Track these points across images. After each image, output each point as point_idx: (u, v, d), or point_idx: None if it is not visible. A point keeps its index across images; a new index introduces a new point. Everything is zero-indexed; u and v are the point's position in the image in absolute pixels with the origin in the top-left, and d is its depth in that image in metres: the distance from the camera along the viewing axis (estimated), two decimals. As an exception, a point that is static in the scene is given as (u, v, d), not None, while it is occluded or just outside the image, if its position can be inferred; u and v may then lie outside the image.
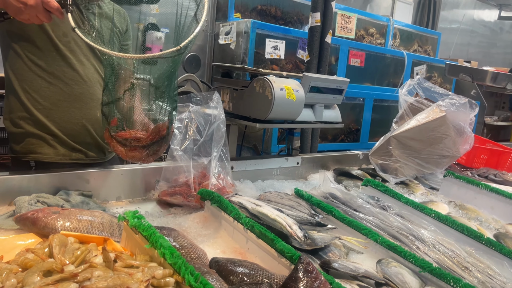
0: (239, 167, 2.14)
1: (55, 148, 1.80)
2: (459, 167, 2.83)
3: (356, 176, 2.38)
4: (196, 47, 4.16)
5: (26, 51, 1.71)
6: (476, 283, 1.32)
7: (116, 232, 1.31)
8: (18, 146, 1.78)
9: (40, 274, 0.89)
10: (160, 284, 0.98)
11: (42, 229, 1.23)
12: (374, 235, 1.51)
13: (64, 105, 1.78)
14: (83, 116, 1.84)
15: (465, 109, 2.32)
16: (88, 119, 1.85)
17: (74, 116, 1.81)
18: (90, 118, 1.85)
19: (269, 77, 1.99)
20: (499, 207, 2.09)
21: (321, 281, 1.09)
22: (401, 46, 5.55)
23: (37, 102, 1.75)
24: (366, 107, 4.58)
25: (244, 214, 1.50)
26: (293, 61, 4.24)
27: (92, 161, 1.90)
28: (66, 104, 1.78)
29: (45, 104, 1.76)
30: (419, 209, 1.85)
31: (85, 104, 1.83)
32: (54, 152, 1.80)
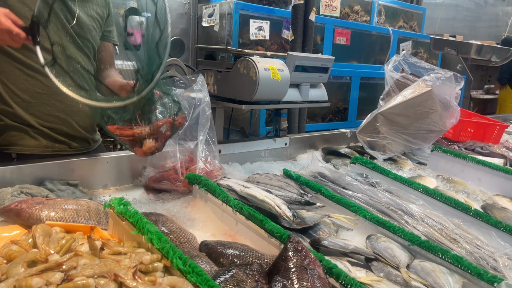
0: (227, 150, 2.12)
1: (37, 140, 1.75)
2: (446, 141, 2.85)
3: (345, 154, 2.38)
4: (179, 30, 4.09)
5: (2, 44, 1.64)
6: (464, 254, 1.34)
7: (103, 220, 1.29)
8: None
9: (24, 265, 0.87)
10: (148, 269, 0.97)
11: (26, 220, 1.21)
12: (363, 212, 1.52)
13: (44, 98, 1.73)
14: (64, 108, 1.78)
15: (451, 83, 2.32)
16: (69, 112, 1.79)
17: (55, 108, 1.76)
18: (71, 110, 1.80)
19: (253, 58, 1.96)
20: (486, 179, 2.11)
21: (311, 259, 1.09)
22: (386, 23, 5.52)
23: (16, 95, 1.69)
24: (353, 86, 4.58)
25: (232, 197, 1.49)
26: (279, 42, 4.19)
27: (76, 151, 1.87)
28: (45, 97, 1.73)
29: (24, 97, 1.70)
30: (407, 184, 1.86)
31: (65, 96, 1.76)
32: (36, 144, 1.75)
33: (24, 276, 0.82)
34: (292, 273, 1.04)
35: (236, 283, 1.00)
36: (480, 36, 7.93)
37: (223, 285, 0.97)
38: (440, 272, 1.22)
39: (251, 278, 1.03)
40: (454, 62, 5.78)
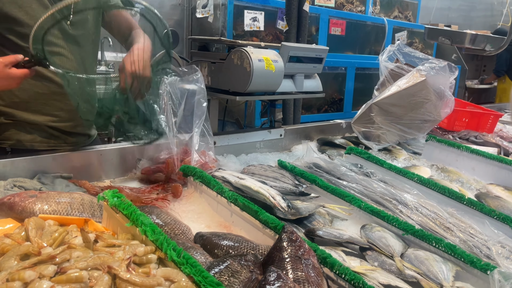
0: (222, 141, 2.11)
1: (32, 135, 1.73)
2: (440, 131, 2.86)
3: (340, 145, 2.38)
4: (173, 22, 4.06)
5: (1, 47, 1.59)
6: (457, 243, 1.35)
7: (97, 213, 1.29)
8: None
9: (17, 258, 0.87)
10: (142, 261, 0.97)
11: (19, 213, 1.20)
12: (357, 202, 1.52)
13: (43, 98, 1.70)
14: (62, 107, 1.75)
15: (445, 73, 2.32)
16: (67, 110, 1.77)
17: (53, 107, 1.73)
18: (69, 108, 1.77)
19: (246, 48, 1.95)
20: (480, 168, 2.12)
21: (305, 249, 1.10)
22: (381, 13, 5.50)
23: (14, 95, 1.65)
24: (348, 76, 4.57)
25: (227, 188, 1.49)
26: (273, 33, 4.17)
27: (71, 146, 1.85)
28: (45, 97, 1.70)
29: (22, 97, 1.66)
30: (402, 174, 1.86)
31: (64, 95, 1.75)
32: (31, 139, 1.72)
33: (17, 269, 0.82)
34: (286, 263, 1.05)
35: (231, 273, 1.00)
36: (475, 25, 7.93)
37: (217, 276, 0.97)
38: (434, 260, 1.23)
39: (246, 269, 1.03)
40: (449, 52, 5.78)
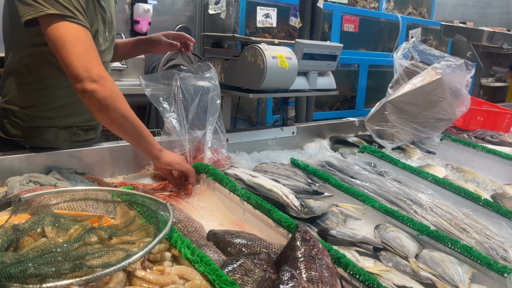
0: (234, 139, 2.11)
1: (58, 135, 1.74)
2: (455, 129, 2.82)
3: (353, 143, 2.36)
4: (185, 18, 4.06)
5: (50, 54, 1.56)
6: (473, 244, 1.33)
7: (112, 209, 1.29)
8: (15, 130, 1.72)
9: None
10: (157, 259, 0.97)
11: (35, 209, 1.21)
12: (371, 201, 1.51)
13: (77, 103, 1.70)
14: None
15: (461, 71, 2.28)
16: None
17: (84, 111, 1.74)
18: None
19: (260, 45, 1.94)
20: (496, 168, 2.09)
21: (319, 248, 1.09)
22: (395, 10, 5.44)
23: (51, 101, 1.67)
24: (361, 74, 4.53)
25: (240, 186, 1.49)
26: (286, 29, 4.15)
27: (88, 140, 1.86)
28: (77, 105, 1.71)
29: (56, 104, 1.68)
30: (416, 174, 1.84)
31: None
32: (54, 138, 1.74)
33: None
34: (300, 263, 1.04)
35: (244, 272, 1.00)
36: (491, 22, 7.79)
37: (231, 275, 0.97)
38: (450, 262, 1.22)
39: (259, 268, 1.03)
40: (464, 49, 5.69)
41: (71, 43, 1.40)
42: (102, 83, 1.40)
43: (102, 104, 1.41)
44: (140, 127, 1.50)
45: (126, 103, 1.46)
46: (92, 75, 1.39)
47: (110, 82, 1.44)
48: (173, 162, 1.59)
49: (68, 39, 1.40)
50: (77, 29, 1.42)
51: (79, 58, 1.39)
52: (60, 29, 1.40)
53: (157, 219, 1.07)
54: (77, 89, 1.41)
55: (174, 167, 1.59)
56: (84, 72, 1.39)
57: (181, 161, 1.62)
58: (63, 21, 1.40)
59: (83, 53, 1.41)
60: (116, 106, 1.43)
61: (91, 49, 1.45)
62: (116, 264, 0.84)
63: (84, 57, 1.41)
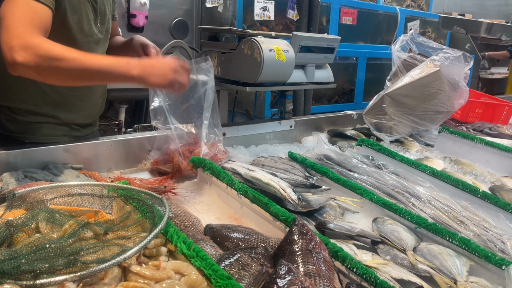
0: (232, 133, 2.10)
1: (56, 130, 1.73)
2: (454, 122, 2.81)
3: (351, 136, 2.35)
4: (182, 11, 4.03)
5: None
6: (471, 237, 1.32)
7: (107, 204, 1.28)
8: (13, 125, 1.70)
9: (27, 250, 0.86)
10: (152, 254, 0.97)
11: (30, 204, 1.20)
12: (369, 194, 1.50)
13: (73, 99, 1.72)
14: (89, 106, 1.80)
15: (460, 63, 2.27)
16: (91, 107, 1.82)
17: (81, 107, 1.76)
18: (93, 106, 1.83)
19: (257, 38, 1.92)
20: (495, 160, 2.08)
21: (316, 242, 1.08)
22: (393, 2, 5.41)
23: (48, 96, 1.65)
24: (359, 67, 4.51)
25: (237, 180, 1.48)
26: (283, 22, 4.12)
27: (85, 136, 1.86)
28: (75, 98, 1.72)
29: (54, 98, 1.67)
30: (414, 166, 1.84)
31: (92, 95, 1.78)
32: (53, 133, 1.73)
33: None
34: (297, 257, 1.04)
35: (241, 266, 1.00)
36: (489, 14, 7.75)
37: (227, 269, 0.97)
38: (447, 254, 1.21)
39: (256, 262, 1.02)
40: (463, 41, 5.67)
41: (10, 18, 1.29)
42: (32, 50, 1.26)
43: (41, 74, 1.30)
44: (93, 65, 1.34)
45: (63, 55, 1.30)
46: (22, 42, 1.26)
47: (38, 46, 1.28)
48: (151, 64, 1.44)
49: (8, 12, 1.30)
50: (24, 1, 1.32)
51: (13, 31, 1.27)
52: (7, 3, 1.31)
53: (153, 213, 1.07)
54: (8, 65, 1.28)
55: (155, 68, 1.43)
56: (15, 40, 1.26)
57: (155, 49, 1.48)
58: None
59: (17, 20, 1.29)
60: (55, 67, 1.29)
61: (29, 20, 1.31)
62: (111, 259, 0.84)
63: (18, 28, 1.28)
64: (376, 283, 1.02)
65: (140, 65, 1.40)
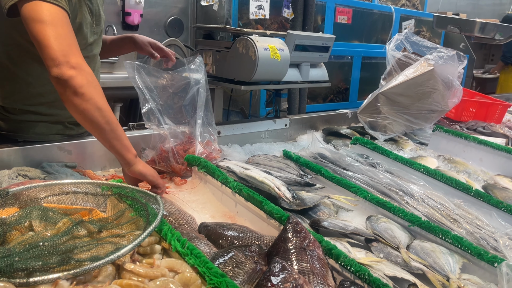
0: (227, 131, 2.10)
1: (48, 128, 1.72)
2: (448, 121, 2.82)
3: (345, 135, 2.36)
4: (177, 10, 4.01)
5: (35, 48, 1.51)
6: (464, 234, 1.33)
7: (101, 202, 1.28)
8: (6, 124, 1.69)
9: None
10: (146, 252, 0.97)
11: (24, 202, 1.20)
12: (363, 193, 1.51)
13: None
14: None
15: (453, 62, 2.28)
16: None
17: None
18: None
19: (252, 37, 1.92)
20: (488, 158, 2.10)
21: (310, 240, 1.09)
22: (388, 1, 5.42)
23: (42, 96, 1.64)
24: (354, 65, 4.52)
25: (232, 178, 1.48)
26: (279, 21, 4.12)
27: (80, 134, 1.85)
28: None
29: (49, 98, 1.66)
30: (408, 165, 1.84)
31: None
32: (47, 132, 1.72)
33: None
34: (291, 254, 1.04)
35: (235, 264, 1.00)
36: (484, 14, 7.80)
37: (222, 267, 0.97)
38: (440, 252, 1.22)
39: (250, 260, 1.02)
40: (457, 41, 5.69)
41: (50, 24, 1.30)
42: (80, 70, 1.30)
43: (77, 92, 1.29)
44: (115, 124, 1.36)
45: (103, 95, 1.35)
46: (70, 60, 1.29)
47: (89, 72, 1.34)
48: (147, 173, 1.42)
49: (46, 19, 1.30)
50: (57, 11, 1.33)
51: (58, 41, 1.29)
52: (38, 9, 1.30)
53: (147, 212, 1.06)
54: (52, 74, 1.29)
55: (147, 178, 1.43)
56: (62, 57, 1.28)
57: (156, 174, 1.47)
58: (42, 2, 1.31)
59: (63, 36, 1.31)
60: (93, 96, 1.31)
61: (71, 34, 1.35)
62: (104, 257, 0.84)
63: (63, 41, 1.30)
64: (369, 281, 1.03)
65: (138, 159, 1.43)
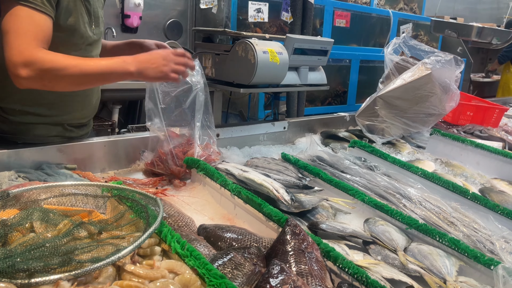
0: (225, 134, 2.11)
1: (48, 129, 1.73)
2: (445, 124, 2.84)
3: (343, 138, 2.37)
4: (177, 12, 4.03)
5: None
6: (461, 237, 1.35)
7: (101, 204, 1.29)
8: (6, 126, 1.69)
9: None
10: (146, 253, 0.97)
11: (24, 204, 1.20)
12: (361, 195, 1.52)
13: (67, 99, 1.71)
14: (83, 107, 1.79)
15: (451, 66, 2.30)
16: (85, 107, 1.81)
17: (75, 108, 1.76)
18: (87, 106, 1.82)
19: (251, 40, 1.93)
20: (485, 162, 2.11)
21: (309, 242, 1.10)
22: (386, 5, 5.46)
23: (42, 97, 1.65)
24: (352, 69, 4.54)
25: (231, 181, 1.49)
26: (277, 24, 4.14)
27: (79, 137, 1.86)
28: (69, 98, 1.71)
29: (49, 99, 1.66)
30: (406, 168, 1.86)
31: (86, 96, 1.77)
32: (46, 134, 1.73)
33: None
34: (290, 257, 1.05)
35: (234, 266, 1.01)
36: (481, 18, 7.85)
37: (221, 269, 0.98)
38: (437, 255, 1.23)
39: (249, 262, 1.03)
40: (455, 45, 5.73)
41: (13, 34, 1.35)
42: (35, 65, 1.34)
43: (46, 85, 1.40)
44: (95, 66, 1.42)
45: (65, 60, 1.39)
46: (24, 59, 1.33)
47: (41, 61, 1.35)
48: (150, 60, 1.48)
49: (12, 27, 1.35)
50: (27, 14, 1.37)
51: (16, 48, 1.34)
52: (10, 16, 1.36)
53: (147, 213, 1.07)
54: (14, 80, 1.36)
55: (154, 62, 1.48)
56: (18, 57, 1.33)
57: (155, 52, 1.52)
58: (17, 5, 1.36)
59: (21, 36, 1.35)
60: (59, 76, 1.38)
61: (32, 35, 1.37)
62: (105, 258, 0.84)
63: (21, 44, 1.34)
64: (367, 283, 1.04)
65: (136, 61, 1.47)
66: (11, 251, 0.84)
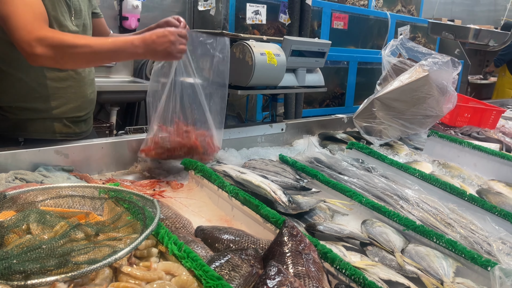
0: (223, 135, 2.10)
1: (46, 125, 1.74)
2: (442, 126, 2.85)
3: (341, 139, 2.38)
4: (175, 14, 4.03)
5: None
6: (458, 238, 1.35)
7: (98, 206, 1.28)
8: (4, 124, 1.70)
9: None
10: (143, 255, 0.97)
11: (21, 206, 1.20)
12: (358, 197, 1.52)
13: (61, 92, 1.73)
14: (77, 98, 1.81)
15: (448, 68, 2.30)
16: (81, 100, 1.82)
17: (70, 100, 1.77)
18: (83, 98, 1.83)
19: (248, 42, 1.94)
20: (482, 163, 2.12)
21: (306, 243, 1.10)
22: (384, 7, 5.47)
23: (36, 91, 1.67)
24: (350, 71, 4.55)
25: (228, 182, 1.49)
26: (275, 26, 4.15)
27: (79, 134, 1.86)
28: (62, 90, 1.73)
29: (43, 93, 1.69)
30: (403, 169, 1.86)
31: (79, 87, 1.79)
32: (45, 129, 1.74)
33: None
34: (287, 258, 1.05)
35: (232, 268, 1.01)
36: (479, 20, 7.88)
37: (218, 270, 0.97)
38: (434, 256, 1.23)
39: (246, 263, 1.03)
40: (452, 47, 5.75)
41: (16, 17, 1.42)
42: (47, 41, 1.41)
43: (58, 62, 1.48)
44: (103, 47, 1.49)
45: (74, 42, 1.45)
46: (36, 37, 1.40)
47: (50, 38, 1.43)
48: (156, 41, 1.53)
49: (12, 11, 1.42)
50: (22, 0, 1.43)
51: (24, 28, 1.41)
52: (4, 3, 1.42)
53: (144, 215, 1.07)
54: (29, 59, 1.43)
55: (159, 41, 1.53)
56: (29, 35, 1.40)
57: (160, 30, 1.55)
58: None
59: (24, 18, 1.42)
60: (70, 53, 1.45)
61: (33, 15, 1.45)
62: (102, 260, 0.84)
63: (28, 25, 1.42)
64: (364, 284, 1.04)
65: (143, 43, 1.52)
66: (7, 252, 0.84)
